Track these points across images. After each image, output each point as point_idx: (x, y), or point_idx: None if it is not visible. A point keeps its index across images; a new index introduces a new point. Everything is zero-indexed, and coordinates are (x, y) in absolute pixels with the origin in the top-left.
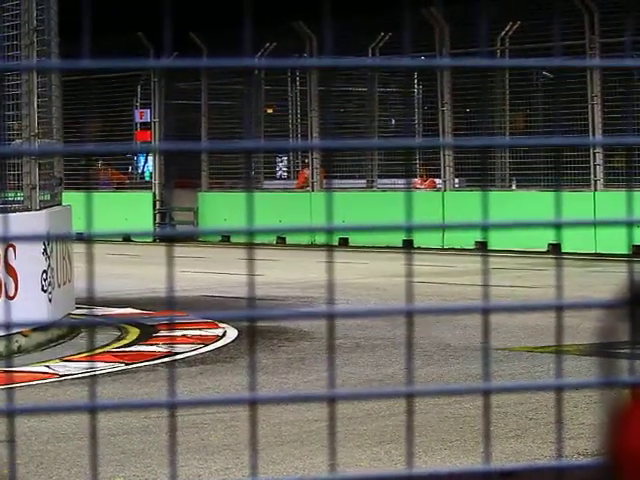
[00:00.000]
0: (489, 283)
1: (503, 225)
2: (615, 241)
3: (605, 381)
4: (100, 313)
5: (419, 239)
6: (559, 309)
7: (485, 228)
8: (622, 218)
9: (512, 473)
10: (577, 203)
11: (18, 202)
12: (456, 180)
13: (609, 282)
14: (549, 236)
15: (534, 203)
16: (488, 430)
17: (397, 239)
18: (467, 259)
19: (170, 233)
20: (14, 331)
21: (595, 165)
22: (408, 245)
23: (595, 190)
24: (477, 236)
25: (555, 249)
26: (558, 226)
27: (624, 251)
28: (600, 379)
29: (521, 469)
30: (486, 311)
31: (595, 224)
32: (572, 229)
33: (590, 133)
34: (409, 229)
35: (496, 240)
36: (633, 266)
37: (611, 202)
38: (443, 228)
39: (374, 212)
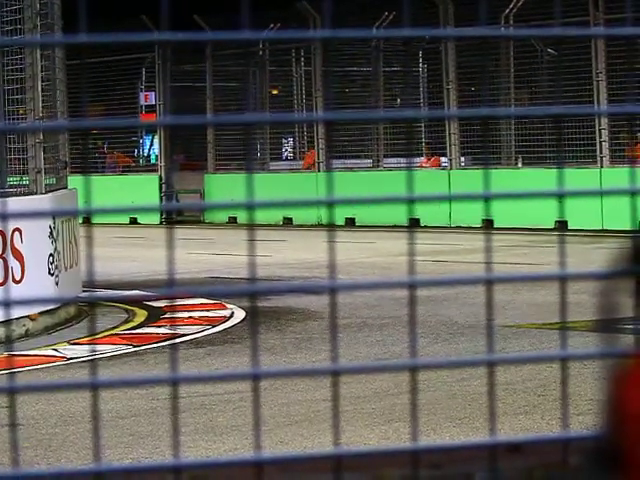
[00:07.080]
0: (495, 260)
1: (505, 195)
2: (621, 217)
3: (607, 352)
4: (106, 296)
5: (425, 218)
6: (562, 280)
7: (487, 199)
8: (625, 187)
9: (519, 446)
10: (583, 180)
11: (23, 186)
12: (462, 159)
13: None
14: (555, 213)
15: (540, 181)
16: (493, 404)
17: (403, 218)
18: (473, 237)
19: (174, 207)
20: (21, 315)
21: (601, 142)
22: (412, 223)
23: (601, 167)
24: (483, 214)
25: (561, 224)
26: (561, 196)
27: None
28: (602, 350)
29: (527, 441)
30: (489, 282)
31: (601, 194)
32: (577, 205)
33: (595, 107)
34: (410, 201)
35: (502, 217)
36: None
37: (617, 178)
38: (447, 200)
39: (380, 191)
